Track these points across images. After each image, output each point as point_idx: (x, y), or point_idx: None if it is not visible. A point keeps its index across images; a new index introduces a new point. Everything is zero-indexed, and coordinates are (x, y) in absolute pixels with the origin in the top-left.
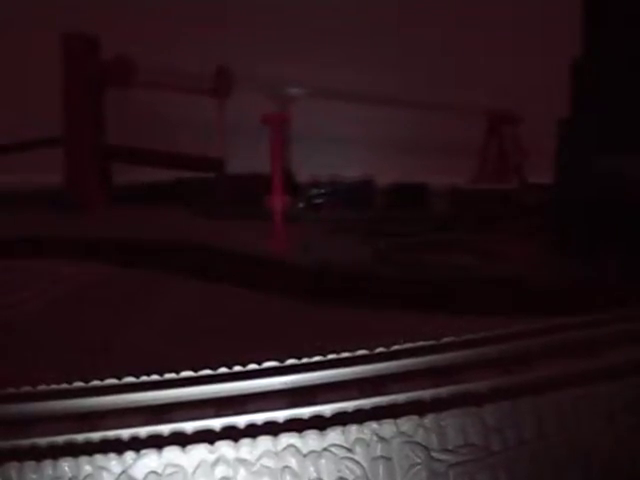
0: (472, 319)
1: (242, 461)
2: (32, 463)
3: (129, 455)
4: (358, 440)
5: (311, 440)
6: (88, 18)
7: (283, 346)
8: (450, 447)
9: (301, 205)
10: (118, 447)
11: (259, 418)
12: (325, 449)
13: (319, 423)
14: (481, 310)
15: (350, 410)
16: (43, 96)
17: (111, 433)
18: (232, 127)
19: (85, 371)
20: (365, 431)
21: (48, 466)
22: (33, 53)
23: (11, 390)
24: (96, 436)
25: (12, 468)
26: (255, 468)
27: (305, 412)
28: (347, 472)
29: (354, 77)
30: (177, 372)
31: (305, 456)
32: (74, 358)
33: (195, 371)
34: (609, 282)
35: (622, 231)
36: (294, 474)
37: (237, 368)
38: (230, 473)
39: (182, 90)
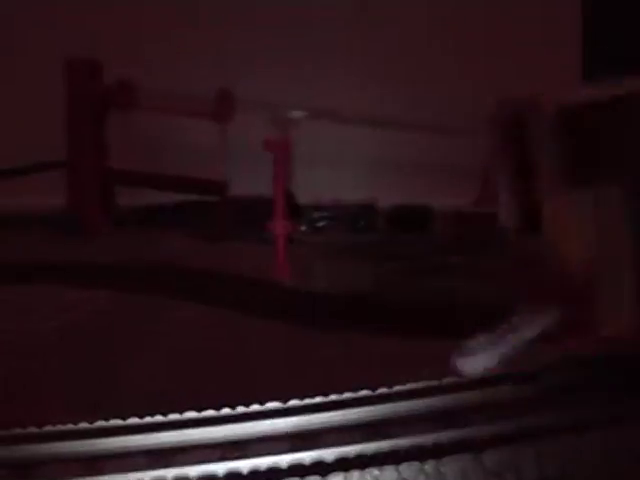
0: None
1: None
2: None
3: None
4: None
5: None
6: (91, 42)
7: (287, 376)
8: None
9: (303, 228)
10: None
11: (262, 463)
12: None
13: (321, 469)
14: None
15: (352, 455)
16: (46, 120)
17: (116, 477)
18: (235, 149)
19: (90, 407)
20: (367, 477)
21: None
22: (36, 77)
23: (17, 431)
24: None
25: None
26: None
27: (307, 457)
28: None
29: (356, 99)
30: (180, 413)
31: None
32: (79, 391)
33: (199, 411)
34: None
35: None
36: None
37: (240, 409)
38: None
39: (184, 113)
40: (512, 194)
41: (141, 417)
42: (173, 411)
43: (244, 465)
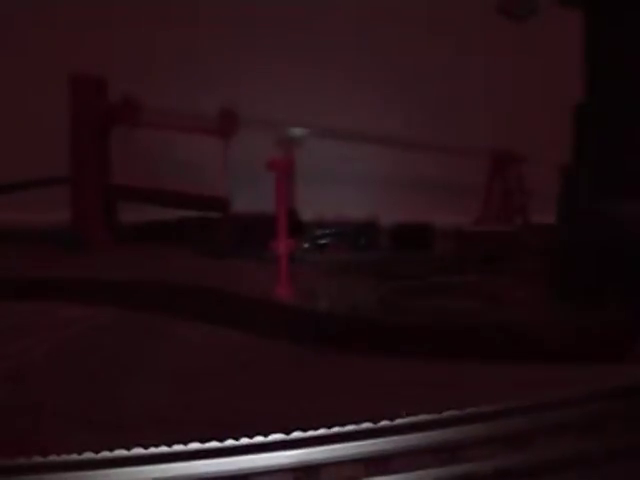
0: (473, 366)
1: None
2: None
3: None
4: None
5: None
6: (95, 59)
7: (288, 398)
8: None
9: (306, 245)
10: None
11: None
12: None
13: None
14: (482, 357)
15: None
16: (50, 136)
17: None
18: (238, 167)
19: (91, 427)
20: None
21: None
22: (40, 93)
23: (21, 460)
24: None
25: None
26: None
27: None
28: None
29: (358, 117)
30: (185, 444)
31: None
32: (82, 412)
33: (202, 443)
34: (612, 329)
35: (624, 277)
36: None
37: (244, 440)
38: None
39: (188, 130)
40: None
41: (145, 448)
42: (177, 442)
43: None
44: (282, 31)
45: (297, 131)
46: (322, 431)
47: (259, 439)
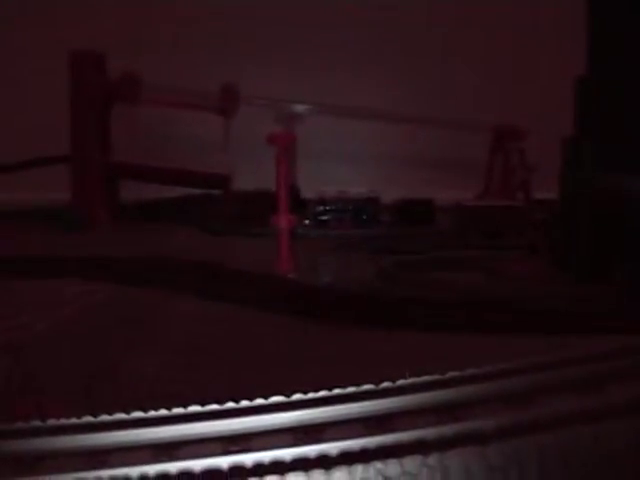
0: (473, 338)
1: None
2: None
3: None
4: None
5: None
6: (95, 35)
7: (289, 370)
8: None
9: (307, 221)
10: None
11: (266, 457)
12: None
13: (325, 462)
14: (482, 329)
15: (356, 450)
16: (49, 113)
17: (120, 471)
18: (239, 143)
19: (93, 400)
20: (370, 471)
21: None
22: (40, 70)
23: (19, 424)
24: (105, 474)
25: None
26: None
27: (311, 452)
28: None
29: (359, 93)
30: (184, 406)
31: None
32: (82, 385)
33: (202, 405)
34: (613, 302)
35: (626, 250)
36: None
37: (244, 403)
38: None
39: (189, 107)
40: None
41: (145, 411)
42: (177, 405)
43: (248, 459)
44: (283, 8)
45: (298, 107)
46: (323, 393)
47: (259, 401)
